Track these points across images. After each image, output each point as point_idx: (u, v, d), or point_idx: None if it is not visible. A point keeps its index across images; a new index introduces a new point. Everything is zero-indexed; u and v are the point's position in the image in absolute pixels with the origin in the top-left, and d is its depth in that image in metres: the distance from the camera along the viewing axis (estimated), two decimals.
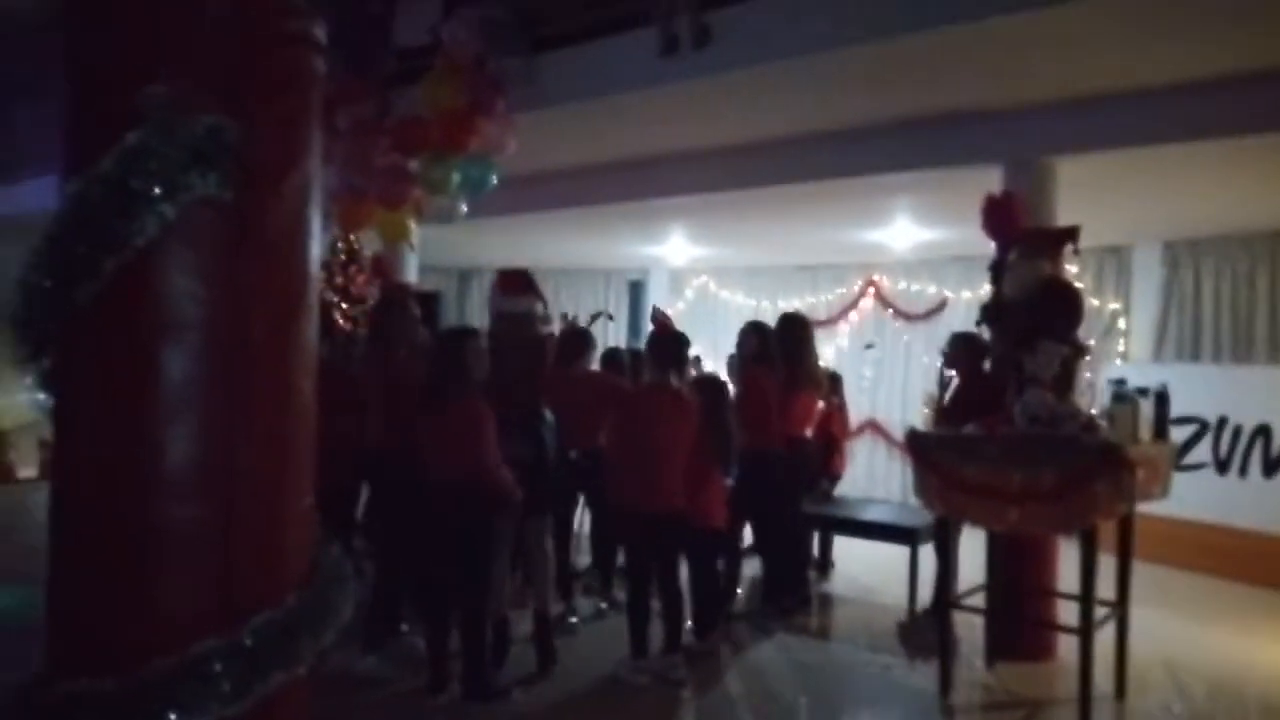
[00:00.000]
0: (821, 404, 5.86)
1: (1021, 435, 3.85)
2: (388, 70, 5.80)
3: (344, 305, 7.10)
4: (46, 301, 1.48)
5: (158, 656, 1.46)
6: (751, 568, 5.71)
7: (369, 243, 7.05)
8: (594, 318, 5.97)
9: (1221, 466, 6.53)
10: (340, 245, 7.15)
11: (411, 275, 7.30)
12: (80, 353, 1.52)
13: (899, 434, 9.24)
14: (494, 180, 5.53)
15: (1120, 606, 4.19)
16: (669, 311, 5.40)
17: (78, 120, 1.56)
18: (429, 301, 6.04)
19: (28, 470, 9.63)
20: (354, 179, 5.49)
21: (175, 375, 1.52)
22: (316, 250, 1.75)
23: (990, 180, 5.05)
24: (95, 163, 1.44)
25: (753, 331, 5.28)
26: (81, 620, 1.49)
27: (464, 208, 5.73)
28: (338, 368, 4.49)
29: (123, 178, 1.42)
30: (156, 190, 1.43)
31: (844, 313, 9.75)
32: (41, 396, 1.62)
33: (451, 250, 9.72)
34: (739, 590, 5.52)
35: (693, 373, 5.77)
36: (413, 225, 6.09)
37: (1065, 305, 4.15)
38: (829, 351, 9.19)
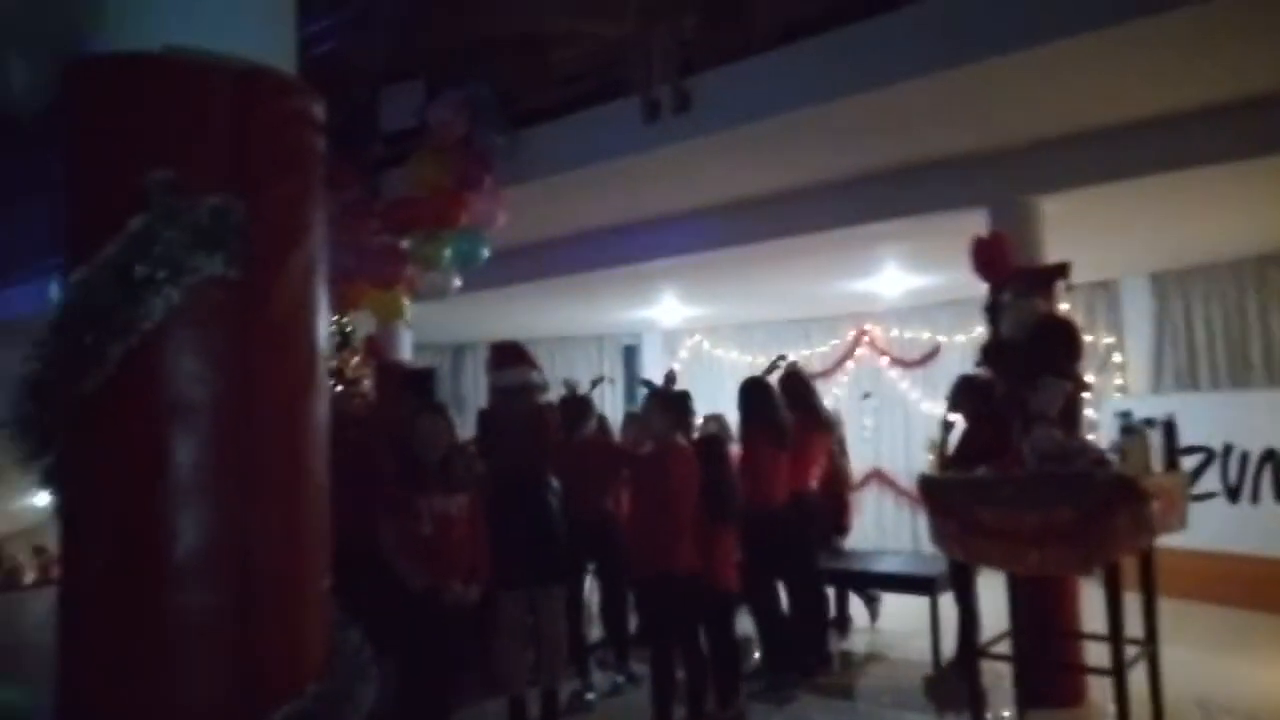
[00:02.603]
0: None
1: (1034, 474, 3.80)
2: (375, 155, 5.89)
3: (338, 388, 7.07)
4: (52, 394, 1.45)
5: None
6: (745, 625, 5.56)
7: (362, 324, 7.06)
8: (594, 383, 5.96)
9: (1232, 494, 6.47)
10: (333, 328, 7.15)
11: (405, 353, 7.29)
12: (86, 443, 1.49)
13: (905, 482, 9.17)
14: (485, 253, 5.57)
15: (1150, 644, 4.09)
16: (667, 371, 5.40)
17: (80, 207, 1.56)
18: (424, 379, 6.01)
19: (27, 577, 9.46)
20: (345, 261, 5.51)
21: (184, 460, 1.48)
22: (324, 328, 1.73)
23: (976, 223, 5.11)
24: (99, 250, 1.43)
25: (742, 392, 5.25)
26: (95, 718, 1.42)
27: (457, 282, 5.75)
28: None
29: (128, 263, 1.41)
30: (162, 274, 1.42)
31: (839, 364, 9.77)
32: (43, 496, 1.58)
33: (444, 326, 9.73)
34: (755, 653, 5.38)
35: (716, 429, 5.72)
36: (406, 303, 6.10)
37: (1064, 340, 4.15)
38: (826, 404, 9.16)
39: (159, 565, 1.47)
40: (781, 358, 5.93)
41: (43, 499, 8.95)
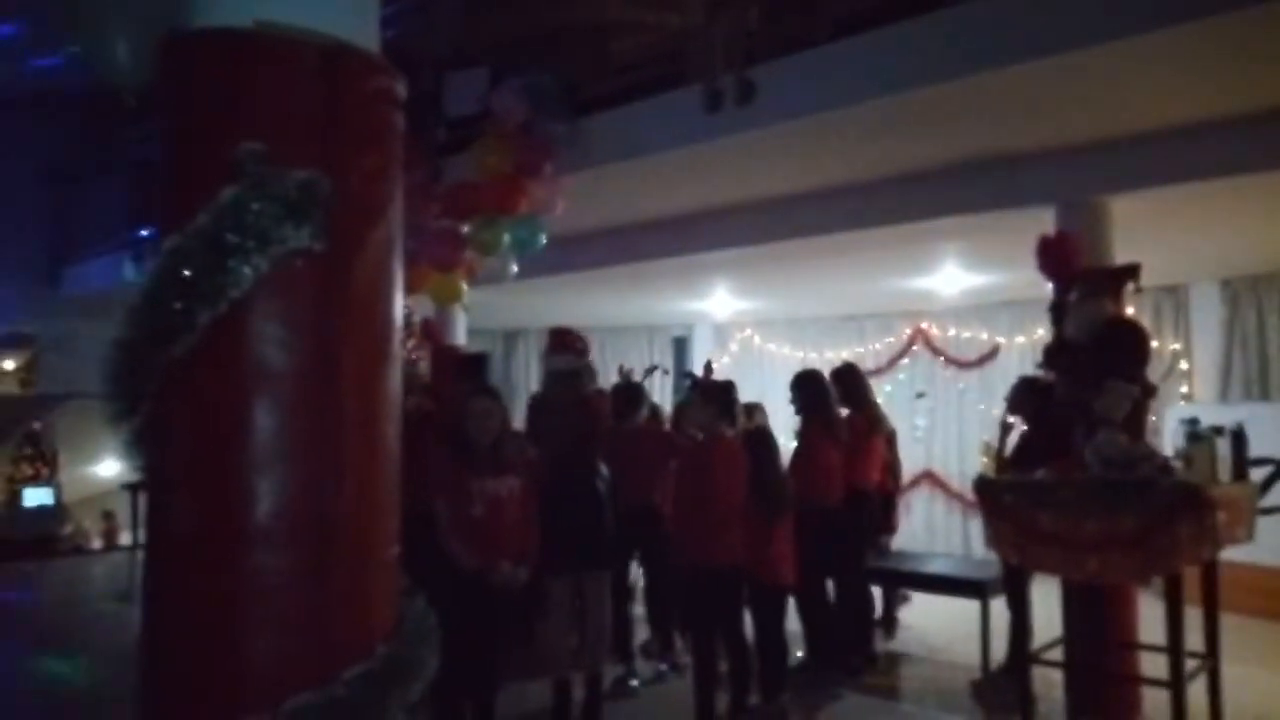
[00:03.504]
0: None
1: (1096, 479, 3.73)
2: (438, 139, 5.97)
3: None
4: (143, 357, 1.51)
5: (251, 713, 1.44)
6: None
7: (419, 307, 7.17)
8: (648, 372, 5.98)
9: None
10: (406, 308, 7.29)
11: (460, 337, 7.39)
12: (173, 406, 1.55)
13: (957, 485, 9.04)
14: (543, 240, 5.62)
15: (1210, 658, 3.98)
16: (715, 365, 5.40)
17: (173, 178, 1.62)
18: (477, 363, 6.08)
19: (94, 542, 9.82)
20: (407, 243, 5.61)
21: (267, 425, 1.53)
22: (400, 301, 1.78)
23: (1041, 222, 5.01)
24: (192, 219, 1.48)
25: (798, 385, 5.24)
26: (175, 677, 1.47)
27: (514, 268, 5.82)
28: None
29: (219, 233, 1.46)
30: (251, 244, 1.46)
31: (892, 362, 9.65)
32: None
33: (498, 312, 9.84)
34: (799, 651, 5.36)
35: (746, 421, 5.72)
36: (464, 287, 6.19)
37: (1132, 344, 4.06)
38: (879, 402, 9.07)
39: (239, 527, 1.52)
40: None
41: (109, 468, 9.29)
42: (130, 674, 1.65)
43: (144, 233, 7.95)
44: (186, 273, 1.45)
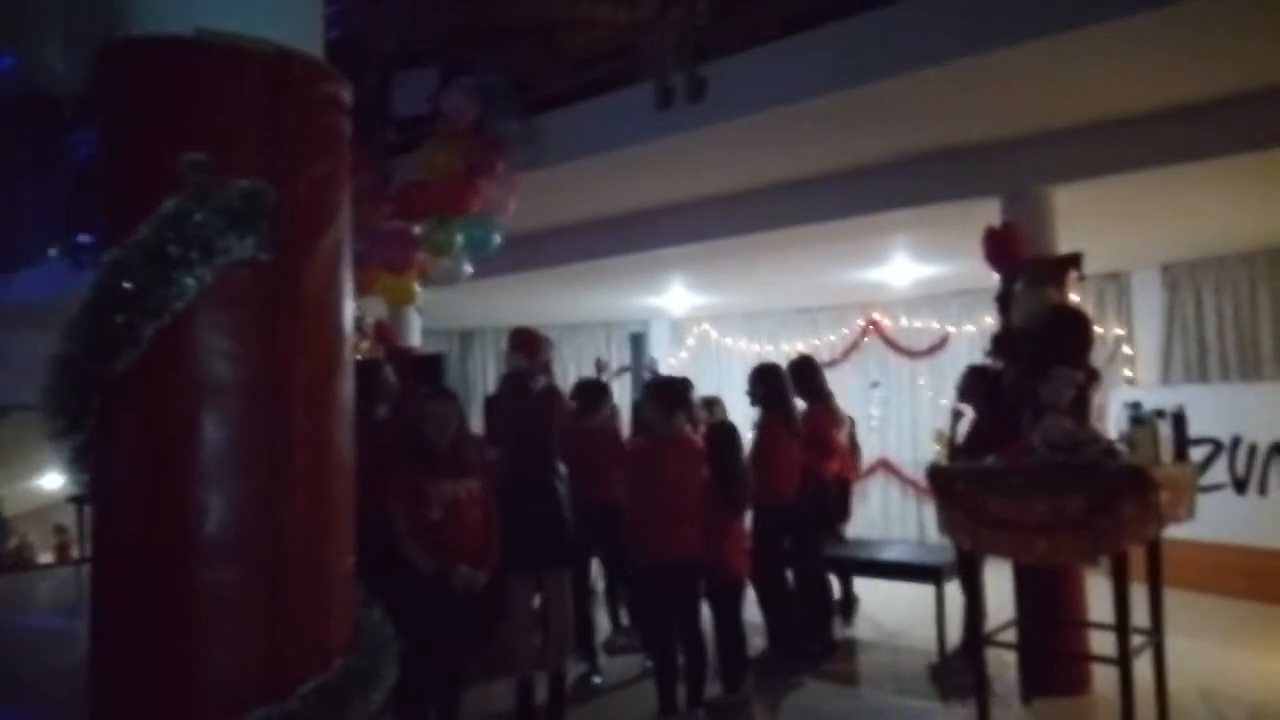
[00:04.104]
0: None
1: (1044, 464, 3.82)
2: (387, 140, 5.90)
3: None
4: (84, 372, 1.48)
5: None
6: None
7: (372, 309, 7.09)
8: (621, 371, 5.95)
9: (1239, 486, 6.48)
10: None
11: (414, 339, 7.32)
12: (117, 422, 1.51)
13: (911, 473, 9.20)
14: (497, 240, 5.59)
15: (1156, 634, 4.11)
16: (670, 361, 5.42)
17: (113, 188, 1.57)
18: (432, 364, 6.04)
19: (45, 556, 9.54)
20: (357, 245, 5.53)
21: (215, 438, 1.51)
22: (350, 309, 1.76)
23: (987, 213, 5.11)
24: (133, 230, 1.45)
25: (758, 378, 5.28)
26: (125, 693, 1.44)
27: (468, 268, 5.77)
28: None
29: (161, 244, 1.43)
30: (194, 254, 1.43)
31: (846, 353, 9.77)
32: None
33: (453, 311, 9.75)
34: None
35: (704, 416, 5.76)
36: (417, 289, 6.13)
37: (1076, 331, 4.16)
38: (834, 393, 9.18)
39: (188, 542, 1.50)
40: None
41: (53, 480, 9.03)
42: (77, 691, 1.61)
43: (82, 238, 7.73)
44: (128, 285, 1.42)
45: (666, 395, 4.41)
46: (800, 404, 5.31)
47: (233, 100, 1.53)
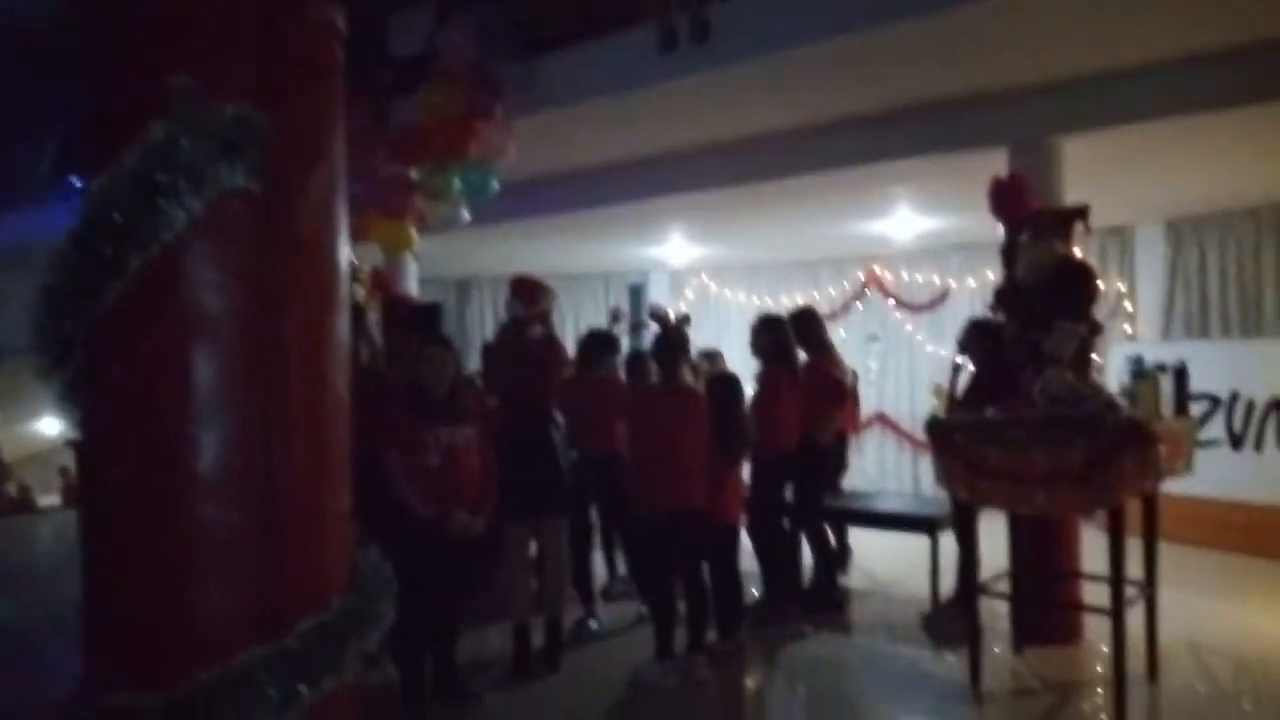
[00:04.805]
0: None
1: (1044, 416, 3.80)
2: (383, 81, 5.77)
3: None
4: (71, 305, 1.43)
5: (201, 668, 1.41)
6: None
7: (368, 256, 7.01)
8: (635, 326, 5.84)
9: (1236, 442, 6.50)
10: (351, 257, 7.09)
11: (412, 287, 7.26)
12: (107, 357, 1.47)
13: (908, 426, 9.22)
14: (495, 186, 5.50)
15: (1149, 586, 4.15)
16: (669, 309, 5.36)
17: (99, 115, 1.51)
18: (429, 312, 5.98)
19: (49, 499, 9.58)
20: (353, 188, 5.44)
21: (208, 374, 1.47)
22: (345, 245, 1.71)
23: (993, 164, 5.03)
24: (119, 158, 1.39)
25: (763, 329, 5.24)
26: (121, 633, 1.43)
27: (466, 215, 5.70)
28: None
29: (148, 172, 1.37)
30: (183, 184, 1.38)
31: (846, 306, 9.73)
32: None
33: (450, 261, 9.67)
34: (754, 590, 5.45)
35: (706, 368, 5.74)
36: (414, 235, 6.05)
37: (1080, 284, 4.12)
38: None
39: (182, 480, 1.47)
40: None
41: (53, 425, 9.03)
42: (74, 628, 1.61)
43: (75, 182, 7.60)
44: (116, 215, 1.36)
45: (669, 346, 4.38)
46: (801, 355, 5.27)
47: (221, 22, 1.46)
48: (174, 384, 1.46)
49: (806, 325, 5.39)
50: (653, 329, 5.69)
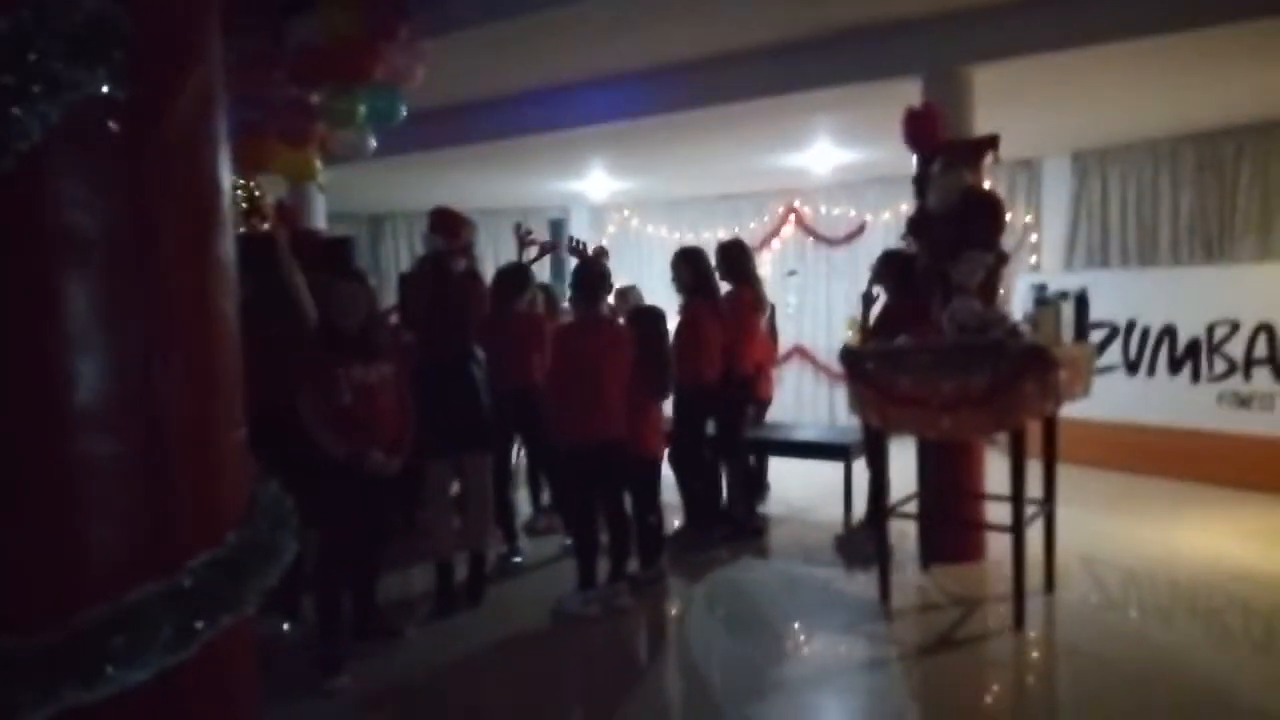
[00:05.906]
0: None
1: (951, 344, 3.91)
2: None
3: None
4: None
5: (88, 606, 1.33)
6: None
7: (272, 188, 6.69)
8: (542, 251, 5.73)
9: (1131, 367, 6.83)
10: (239, 191, 6.74)
11: (320, 222, 6.98)
12: None
13: (825, 359, 9.40)
14: (403, 111, 5.27)
15: (1048, 504, 4.36)
16: (589, 243, 5.27)
17: None
18: (340, 247, 5.77)
19: None
20: (251, 114, 5.15)
21: (78, 298, 1.36)
22: (226, 159, 1.59)
23: (908, 94, 5.06)
24: None
25: (684, 261, 5.21)
26: (3, 573, 1.34)
27: (372, 142, 5.46)
28: None
29: None
30: (36, 88, 1.25)
31: (766, 240, 9.78)
32: None
33: (362, 195, 9.33)
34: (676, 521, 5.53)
35: (621, 304, 5.70)
36: (319, 164, 5.79)
37: (988, 214, 4.21)
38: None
39: (56, 412, 1.37)
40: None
41: None
42: None
43: None
44: None
45: (591, 278, 4.32)
46: (725, 287, 5.27)
47: None
48: (40, 308, 1.34)
49: (735, 256, 5.38)
50: (568, 258, 5.61)
